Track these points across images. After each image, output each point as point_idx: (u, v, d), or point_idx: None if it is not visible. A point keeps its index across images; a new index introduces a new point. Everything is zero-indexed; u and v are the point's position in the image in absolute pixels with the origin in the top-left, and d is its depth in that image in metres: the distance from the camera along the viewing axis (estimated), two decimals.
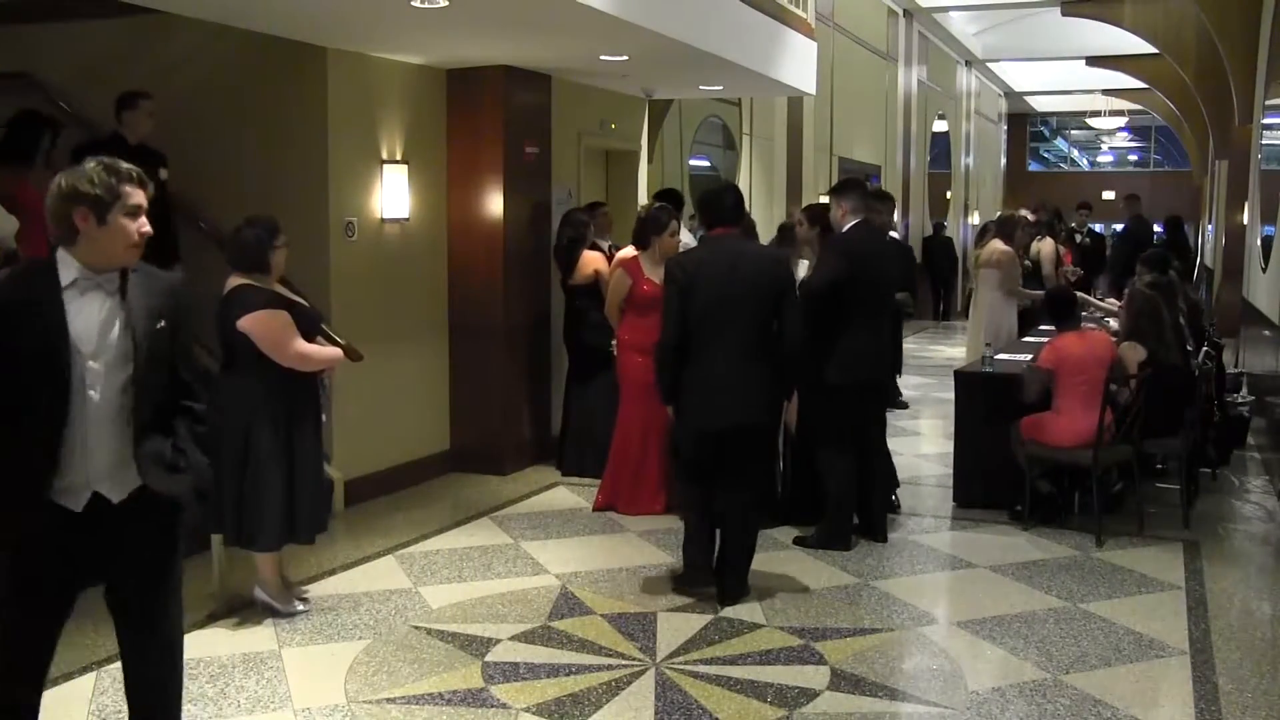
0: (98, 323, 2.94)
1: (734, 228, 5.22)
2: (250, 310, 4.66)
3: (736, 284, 4.96)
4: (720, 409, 4.97)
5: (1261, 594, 5.50)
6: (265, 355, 4.69)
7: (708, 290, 4.94)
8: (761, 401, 5.05)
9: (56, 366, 2.88)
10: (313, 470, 4.90)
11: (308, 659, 4.52)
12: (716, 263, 5.01)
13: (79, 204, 2.92)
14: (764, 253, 5.55)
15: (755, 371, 4.98)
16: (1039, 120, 30.40)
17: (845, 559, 5.82)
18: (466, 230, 7.56)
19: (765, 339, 5.02)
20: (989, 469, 6.62)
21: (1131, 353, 6.42)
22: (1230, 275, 12.36)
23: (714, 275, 4.96)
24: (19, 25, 7.30)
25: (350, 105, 6.74)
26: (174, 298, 3.11)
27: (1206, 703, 4.17)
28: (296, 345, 4.74)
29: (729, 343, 4.96)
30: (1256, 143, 10.77)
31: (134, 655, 3.21)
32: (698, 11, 6.91)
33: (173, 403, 3.11)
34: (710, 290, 4.94)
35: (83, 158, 3.07)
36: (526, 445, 7.82)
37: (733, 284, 4.96)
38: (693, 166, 12.25)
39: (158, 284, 3.09)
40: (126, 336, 2.97)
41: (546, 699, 4.13)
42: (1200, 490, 7.09)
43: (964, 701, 4.16)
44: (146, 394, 3.00)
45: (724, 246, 5.12)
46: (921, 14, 16.79)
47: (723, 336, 4.95)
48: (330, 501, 5.57)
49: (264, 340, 4.68)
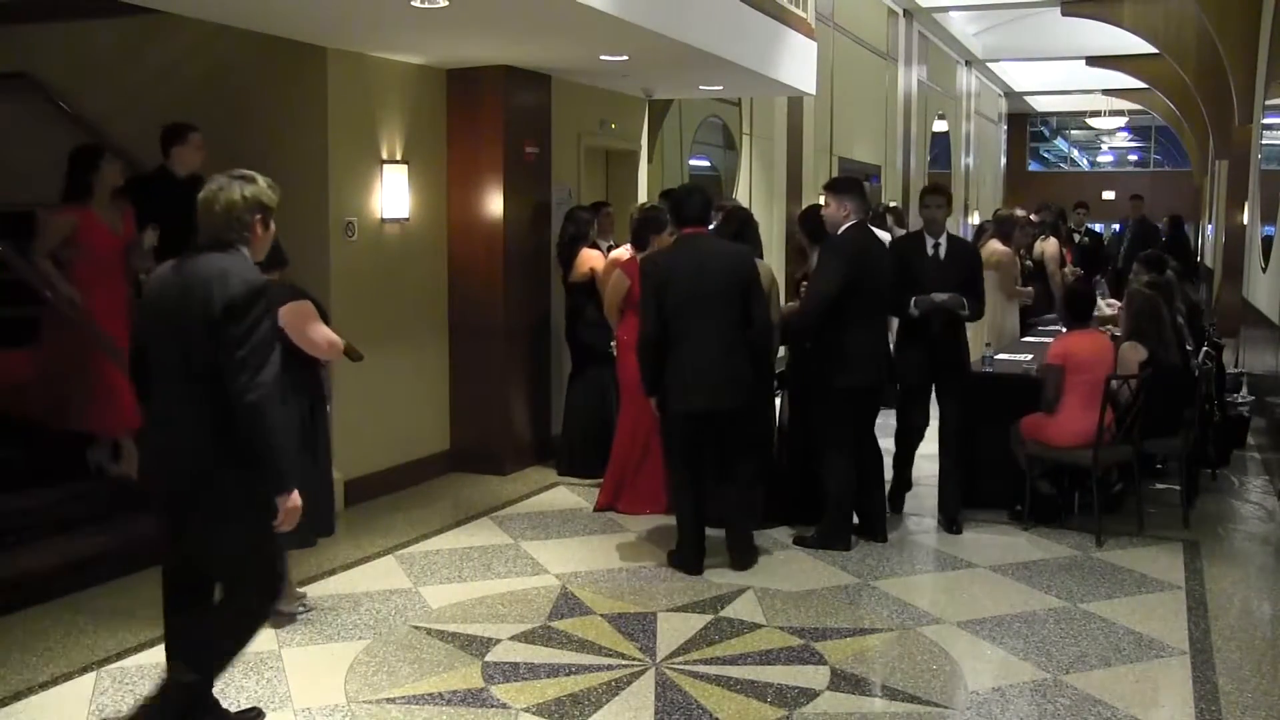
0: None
1: (702, 227, 5.63)
2: (282, 304, 4.66)
3: (707, 279, 5.39)
4: (698, 394, 5.39)
5: (1261, 594, 5.50)
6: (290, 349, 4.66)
7: (680, 286, 5.36)
8: (737, 386, 5.46)
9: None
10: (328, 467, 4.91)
11: (308, 659, 4.52)
12: (688, 260, 5.44)
13: (260, 212, 3.64)
14: (730, 249, 5.76)
15: (729, 360, 5.42)
16: (1039, 120, 30.40)
17: (845, 559, 5.82)
18: (466, 230, 7.56)
19: (737, 329, 5.45)
20: (989, 469, 6.61)
21: (1132, 353, 6.42)
22: (1230, 275, 12.37)
23: (686, 272, 5.39)
24: (19, 25, 7.31)
25: (350, 105, 6.74)
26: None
27: (1206, 703, 4.17)
28: (327, 331, 4.74)
29: (703, 334, 5.38)
30: (1256, 143, 10.77)
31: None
32: (698, 11, 6.91)
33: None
34: (682, 285, 5.36)
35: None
36: (526, 445, 7.83)
37: (703, 279, 5.40)
38: (693, 166, 12.24)
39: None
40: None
41: (546, 699, 4.13)
42: (1200, 490, 7.09)
43: (964, 701, 4.16)
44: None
45: (695, 245, 5.54)
46: (921, 14, 16.77)
47: (696, 328, 5.37)
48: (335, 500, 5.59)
49: (296, 329, 4.65)
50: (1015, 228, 9.32)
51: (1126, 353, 6.41)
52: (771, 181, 12.84)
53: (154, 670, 4.37)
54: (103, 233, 5.76)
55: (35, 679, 4.29)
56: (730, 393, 5.43)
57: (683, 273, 5.38)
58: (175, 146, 5.98)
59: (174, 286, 3.52)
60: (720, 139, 12.64)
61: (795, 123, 13.06)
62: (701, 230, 5.64)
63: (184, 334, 3.45)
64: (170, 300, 3.51)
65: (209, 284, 3.42)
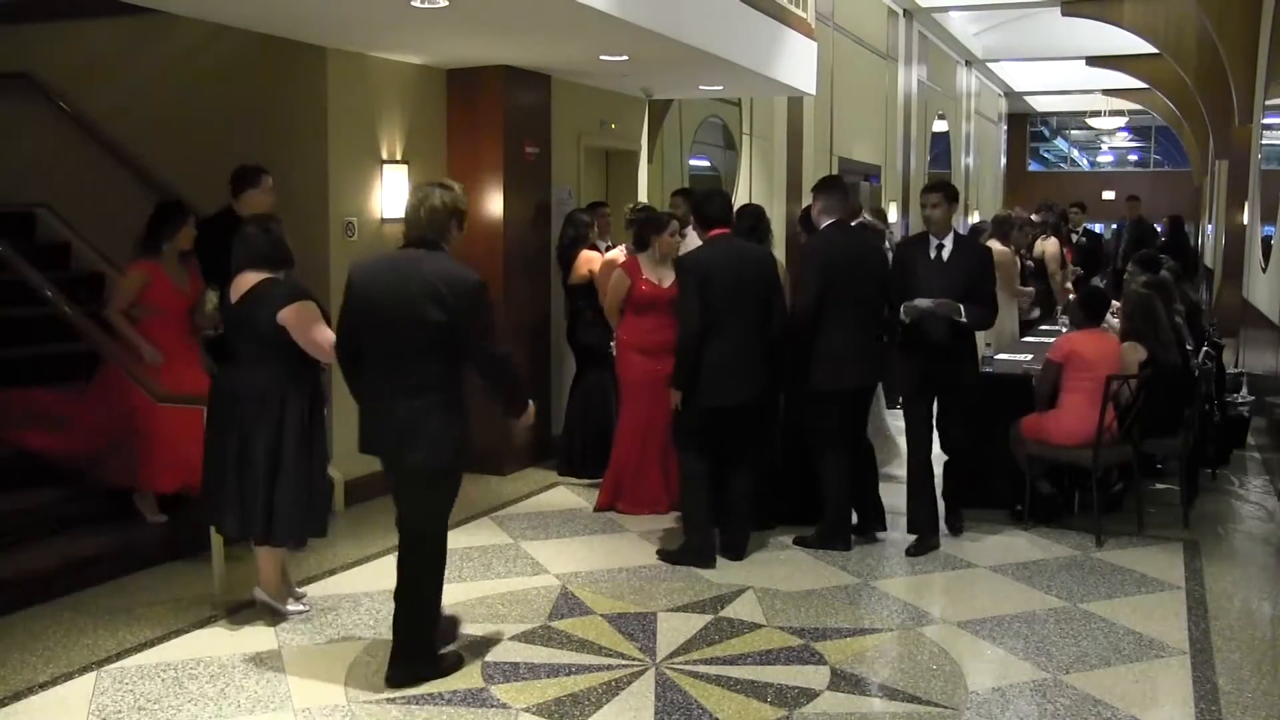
0: None
1: (726, 228, 5.78)
2: (288, 303, 4.67)
3: (742, 279, 5.60)
4: (732, 389, 5.58)
5: (1261, 594, 5.51)
6: (277, 350, 4.66)
7: (719, 284, 5.53)
8: (760, 382, 5.69)
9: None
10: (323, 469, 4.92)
11: (308, 659, 4.52)
12: (725, 260, 5.62)
13: (456, 216, 4.26)
14: (759, 252, 5.94)
15: (755, 356, 5.65)
16: (1039, 120, 30.41)
17: (845, 559, 5.82)
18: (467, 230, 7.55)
19: (762, 328, 5.67)
20: (989, 469, 6.61)
21: (1132, 353, 6.42)
22: (1230, 275, 12.37)
23: (724, 271, 5.57)
24: (19, 25, 7.31)
25: (350, 105, 6.74)
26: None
27: (1206, 703, 4.17)
28: (329, 332, 4.72)
29: (736, 331, 5.57)
30: (1256, 143, 10.78)
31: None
32: (698, 11, 6.91)
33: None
34: (721, 284, 5.53)
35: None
36: (527, 445, 7.82)
37: (740, 279, 5.59)
38: (693, 166, 12.24)
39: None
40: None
41: (546, 699, 4.13)
42: (1200, 490, 7.10)
43: (964, 701, 4.16)
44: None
45: (727, 246, 5.70)
46: (921, 14, 16.78)
47: (730, 325, 5.55)
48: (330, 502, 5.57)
49: (300, 329, 4.66)
50: (1013, 228, 9.31)
51: (1126, 353, 6.41)
52: (771, 181, 12.84)
53: (154, 670, 4.38)
54: (170, 290, 5.69)
55: (35, 679, 4.29)
56: (755, 388, 5.64)
57: (720, 272, 5.55)
58: (249, 190, 5.85)
59: (393, 280, 4.12)
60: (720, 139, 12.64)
61: (795, 123, 13.06)
62: (726, 231, 5.76)
63: (415, 319, 4.05)
64: (392, 291, 4.10)
65: (434, 282, 4.05)
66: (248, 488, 4.69)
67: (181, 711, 4.04)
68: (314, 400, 4.83)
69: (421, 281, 4.07)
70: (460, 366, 4.20)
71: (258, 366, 4.73)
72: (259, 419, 4.67)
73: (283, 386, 4.70)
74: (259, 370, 4.72)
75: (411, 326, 4.07)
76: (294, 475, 4.71)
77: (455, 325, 4.07)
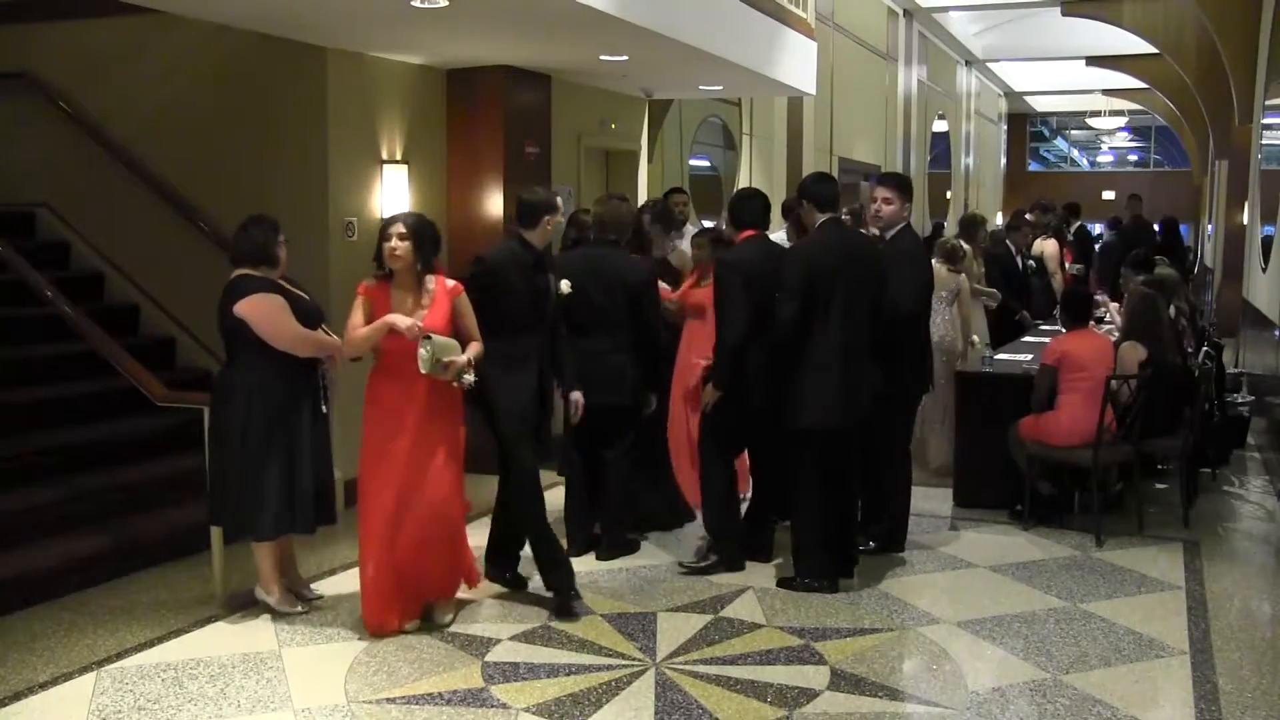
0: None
1: (762, 229, 5.70)
2: (246, 295, 4.70)
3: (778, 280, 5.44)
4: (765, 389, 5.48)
5: (1261, 594, 5.51)
6: (263, 345, 4.70)
7: (761, 286, 5.41)
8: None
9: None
10: (312, 462, 4.90)
11: (308, 659, 4.52)
12: (763, 261, 5.50)
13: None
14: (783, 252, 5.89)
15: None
16: (1039, 120, 30.41)
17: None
18: (466, 230, 7.56)
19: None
20: (989, 469, 6.62)
21: (1132, 352, 6.41)
22: (1230, 275, 12.37)
23: (764, 272, 5.44)
24: (19, 25, 7.31)
25: (350, 105, 6.74)
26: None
27: (1206, 703, 4.17)
28: (293, 326, 4.76)
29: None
30: (1256, 143, 10.77)
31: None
32: (698, 11, 6.91)
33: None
34: (762, 285, 5.40)
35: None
36: None
37: (776, 280, 5.42)
38: (693, 166, 12.24)
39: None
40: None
41: (546, 699, 4.13)
42: (1200, 490, 7.09)
43: (964, 701, 4.16)
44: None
45: (764, 247, 5.61)
46: (921, 14, 16.78)
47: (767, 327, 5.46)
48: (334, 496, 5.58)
49: (261, 323, 4.70)
50: (979, 228, 9.16)
51: (1126, 352, 6.41)
52: (771, 181, 12.84)
53: (154, 670, 4.38)
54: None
55: (35, 679, 4.29)
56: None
57: (762, 273, 5.44)
58: (547, 215, 5.22)
59: (589, 265, 5.62)
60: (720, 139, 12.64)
61: (795, 123, 13.07)
62: (761, 232, 5.71)
63: (612, 299, 5.60)
64: (593, 273, 5.58)
65: (623, 270, 5.65)
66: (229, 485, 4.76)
67: (181, 711, 4.04)
68: (294, 399, 4.83)
69: (614, 269, 5.66)
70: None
71: (228, 365, 4.87)
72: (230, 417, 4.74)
73: (248, 387, 4.75)
74: (229, 367, 4.85)
75: (613, 300, 5.61)
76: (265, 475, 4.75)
77: (634, 298, 5.66)
